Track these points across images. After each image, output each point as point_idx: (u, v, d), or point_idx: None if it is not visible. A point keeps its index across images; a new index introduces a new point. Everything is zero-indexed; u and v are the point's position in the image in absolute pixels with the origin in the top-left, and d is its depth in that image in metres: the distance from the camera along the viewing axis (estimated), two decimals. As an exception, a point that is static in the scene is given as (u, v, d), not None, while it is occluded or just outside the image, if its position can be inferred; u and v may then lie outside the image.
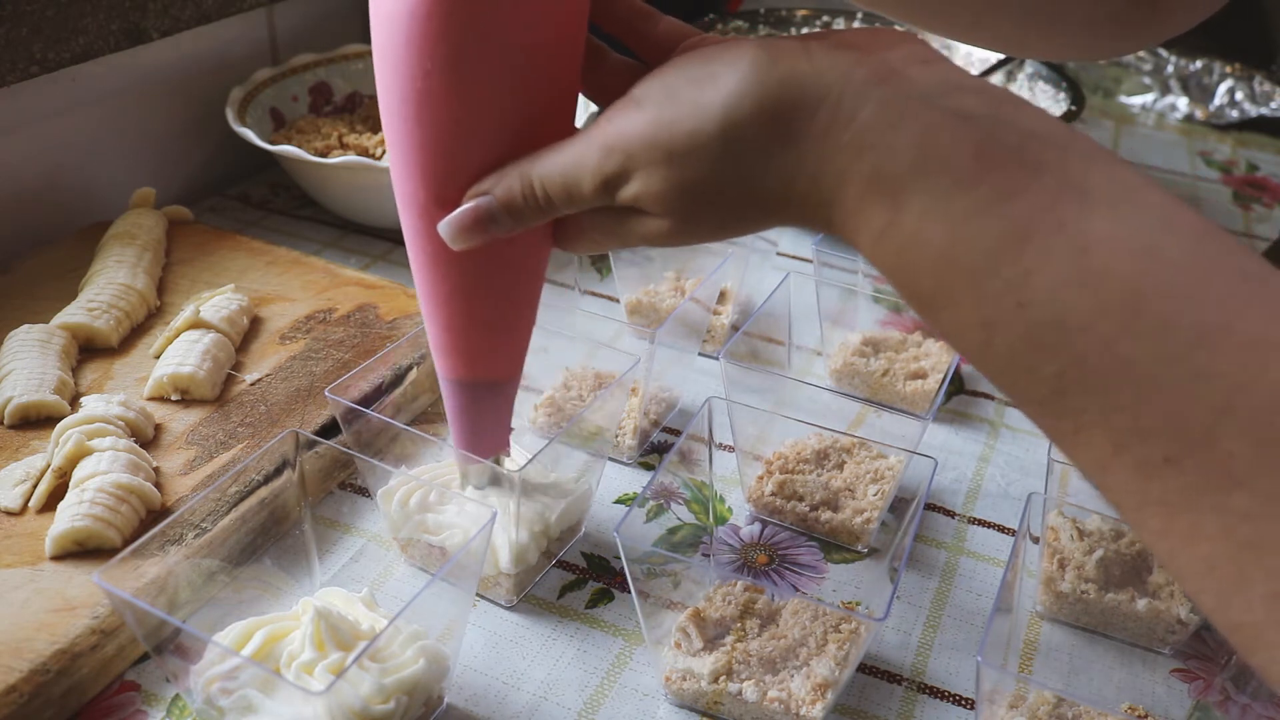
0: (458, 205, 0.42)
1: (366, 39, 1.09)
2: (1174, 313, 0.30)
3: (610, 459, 0.68)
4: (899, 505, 0.62)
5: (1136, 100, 1.37)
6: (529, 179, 0.41)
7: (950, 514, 0.66)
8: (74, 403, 0.63)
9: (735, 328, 0.80)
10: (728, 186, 0.38)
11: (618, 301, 0.81)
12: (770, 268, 0.87)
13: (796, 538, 0.63)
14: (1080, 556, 0.58)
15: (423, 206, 0.43)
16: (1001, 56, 1.07)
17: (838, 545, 0.62)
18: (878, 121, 0.35)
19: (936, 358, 0.75)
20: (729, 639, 0.52)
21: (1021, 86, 1.05)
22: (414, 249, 0.45)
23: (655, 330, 0.64)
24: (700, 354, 0.77)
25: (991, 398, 0.77)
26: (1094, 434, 0.32)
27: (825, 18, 1.10)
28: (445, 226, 0.42)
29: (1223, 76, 1.30)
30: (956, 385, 0.78)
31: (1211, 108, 1.29)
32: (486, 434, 0.51)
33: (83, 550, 0.53)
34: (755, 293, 0.84)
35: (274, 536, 0.56)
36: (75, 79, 0.82)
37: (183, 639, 0.44)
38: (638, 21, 0.45)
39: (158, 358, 0.67)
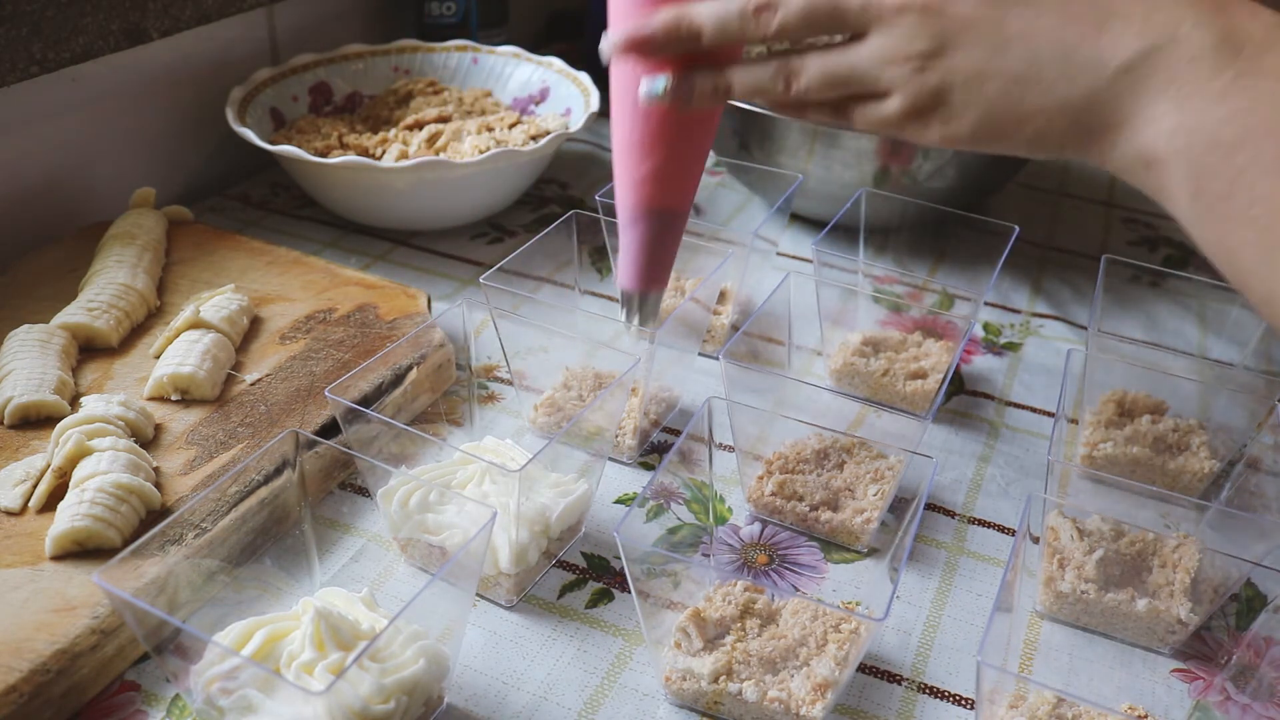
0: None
1: (366, 39, 1.10)
2: None
3: (610, 459, 0.68)
4: (899, 505, 0.62)
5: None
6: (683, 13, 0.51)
7: (950, 514, 0.66)
8: (74, 403, 0.63)
9: (735, 328, 0.80)
10: None
11: (618, 301, 0.81)
12: (770, 268, 0.87)
13: (796, 538, 0.63)
14: (1080, 556, 0.58)
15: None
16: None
17: (838, 545, 0.62)
18: None
19: (936, 358, 0.75)
20: (729, 639, 0.52)
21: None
22: (629, 106, 0.55)
23: (655, 330, 0.64)
24: (700, 354, 0.77)
25: (991, 398, 0.77)
26: None
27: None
28: (607, 39, 0.53)
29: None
30: (956, 385, 0.78)
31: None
32: (662, 267, 0.60)
33: (83, 550, 0.53)
34: (755, 293, 0.84)
35: (274, 536, 0.56)
36: (75, 79, 0.82)
37: (183, 639, 0.44)
38: None
39: (158, 358, 0.67)
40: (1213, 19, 0.43)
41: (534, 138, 0.91)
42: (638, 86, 0.53)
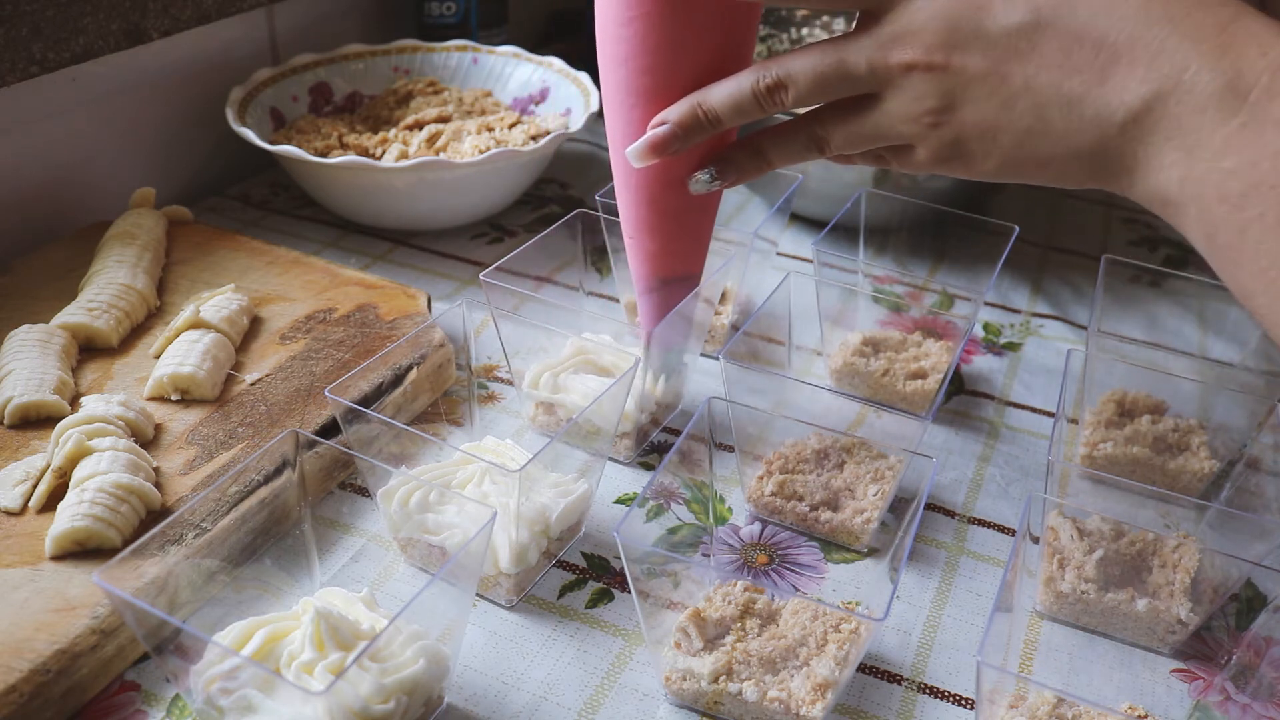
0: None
1: (366, 39, 1.10)
2: None
3: (610, 459, 0.68)
4: (899, 505, 0.62)
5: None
6: (699, 103, 0.53)
7: (950, 514, 0.66)
8: (74, 403, 0.63)
9: (735, 328, 0.80)
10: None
11: (618, 301, 0.81)
12: (770, 268, 0.87)
13: (796, 538, 0.63)
14: (1080, 556, 0.58)
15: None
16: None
17: (838, 545, 0.62)
18: None
19: (936, 358, 0.75)
20: (729, 639, 0.52)
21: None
22: (632, 191, 0.59)
23: (653, 330, 0.64)
24: (700, 354, 0.77)
25: (991, 398, 0.77)
26: None
27: (825, 18, 1.10)
28: (633, 151, 0.55)
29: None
30: (956, 385, 0.78)
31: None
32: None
33: (83, 550, 0.53)
34: (755, 293, 0.84)
35: (274, 536, 0.56)
36: (75, 79, 0.82)
37: (183, 639, 0.44)
38: None
39: (158, 358, 0.67)
40: (1218, 61, 0.42)
41: (534, 138, 0.91)
42: (641, 176, 0.57)
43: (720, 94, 0.53)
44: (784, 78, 0.50)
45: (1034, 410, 0.76)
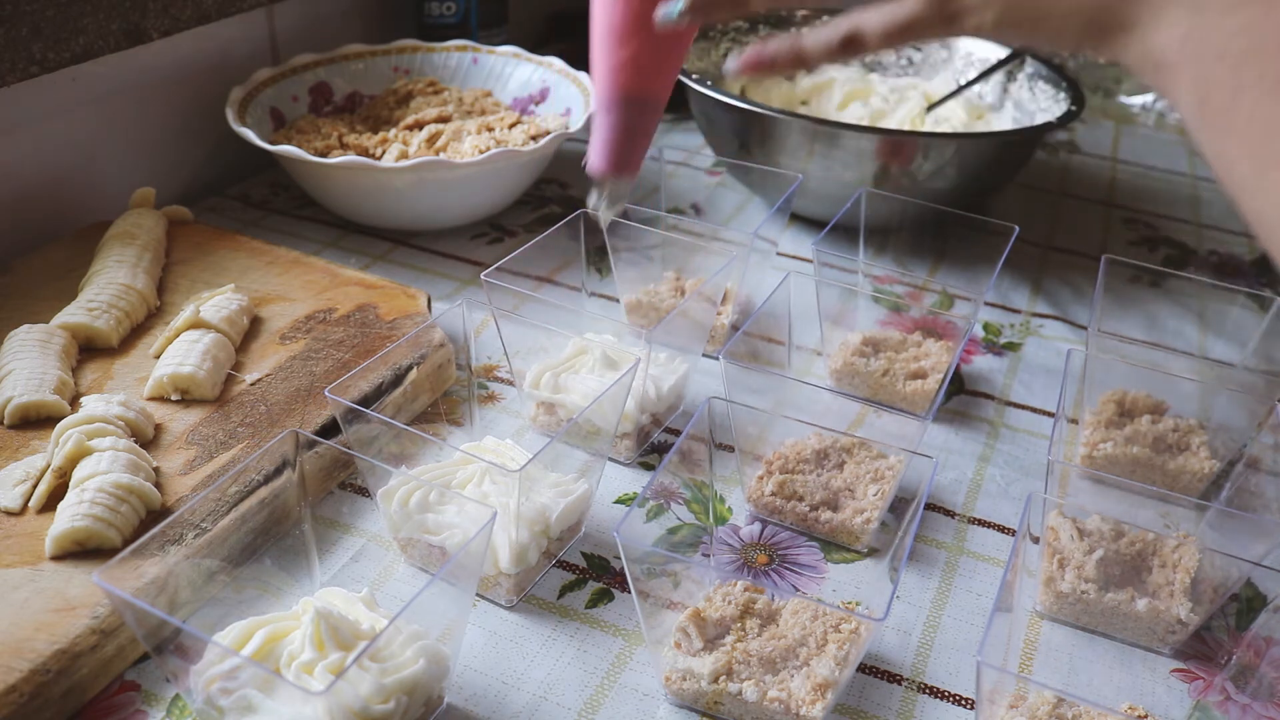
0: None
1: (366, 39, 1.10)
2: None
3: (610, 459, 0.68)
4: (899, 505, 0.62)
5: (1136, 100, 1.37)
6: None
7: (950, 514, 0.66)
8: (74, 403, 0.63)
9: (735, 328, 0.80)
10: None
11: (618, 301, 0.81)
12: (770, 268, 0.87)
13: (796, 538, 0.63)
14: (1080, 556, 0.58)
15: None
16: (1002, 56, 1.07)
17: (838, 545, 0.62)
18: None
19: (936, 358, 0.75)
20: (729, 639, 0.52)
21: (1022, 86, 1.05)
22: None
23: (650, 330, 0.65)
24: (701, 354, 0.77)
25: (991, 398, 0.77)
26: None
27: (825, 18, 1.10)
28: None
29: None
30: (956, 385, 0.78)
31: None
32: (632, 154, 0.63)
33: (83, 550, 0.53)
34: (755, 293, 0.84)
35: (274, 536, 0.56)
36: (75, 79, 0.82)
37: (183, 639, 0.44)
38: None
39: (158, 358, 0.67)
40: None
41: (534, 138, 0.91)
42: None
43: None
44: None
45: (1034, 410, 0.76)
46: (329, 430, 0.63)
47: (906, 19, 0.51)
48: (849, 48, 0.53)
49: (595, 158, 0.63)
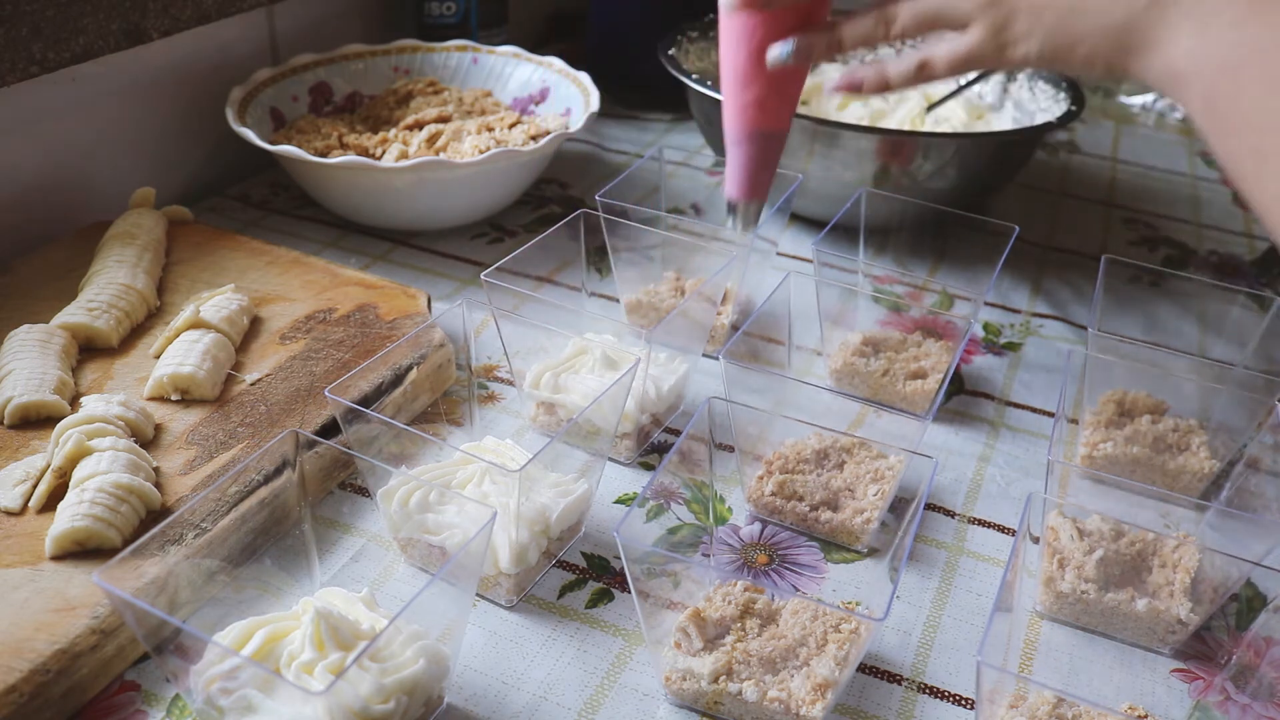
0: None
1: (366, 39, 1.10)
2: None
3: (610, 459, 0.68)
4: (899, 505, 0.62)
5: (1136, 100, 1.37)
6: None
7: (950, 514, 0.66)
8: (74, 403, 0.63)
9: (735, 328, 0.80)
10: None
11: (618, 301, 0.81)
12: (770, 268, 0.87)
13: (796, 538, 0.63)
14: (1080, 556, 0.58)
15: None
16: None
17: (838, 545, 0.62)
18: None
19: (936, 358, 0.75)
20: (729, 639, 0.52)
21: (1021, 86, 1.05)
22: (741, 45, 0.68)
23: (650, 330, 0.65)
24: (701, 354, 0.77)
25: (991, 398, 0.77)
26: None
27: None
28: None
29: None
30: (956, 385, 0.78)
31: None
32: (763, 179, 0.73)
33: (83, 550, 0.53)
34: (755, 293, 0.84)
35: (274, 536, 0.56)
36: (75, 79, 0.82)
37: (183, 639, 0.44)
38: None
39: (158, 358, 0.67)
40: None
41: (534, 138, 0.91)
42: (745, 31, 0.67)
43: None
44: None
45: (1034, 410, 0.76)
46: (329, 430, 0.63)
47: (967, 50, 0.60)
48: (921, 74, 0.63)
49: (731, 186, 0.73)
